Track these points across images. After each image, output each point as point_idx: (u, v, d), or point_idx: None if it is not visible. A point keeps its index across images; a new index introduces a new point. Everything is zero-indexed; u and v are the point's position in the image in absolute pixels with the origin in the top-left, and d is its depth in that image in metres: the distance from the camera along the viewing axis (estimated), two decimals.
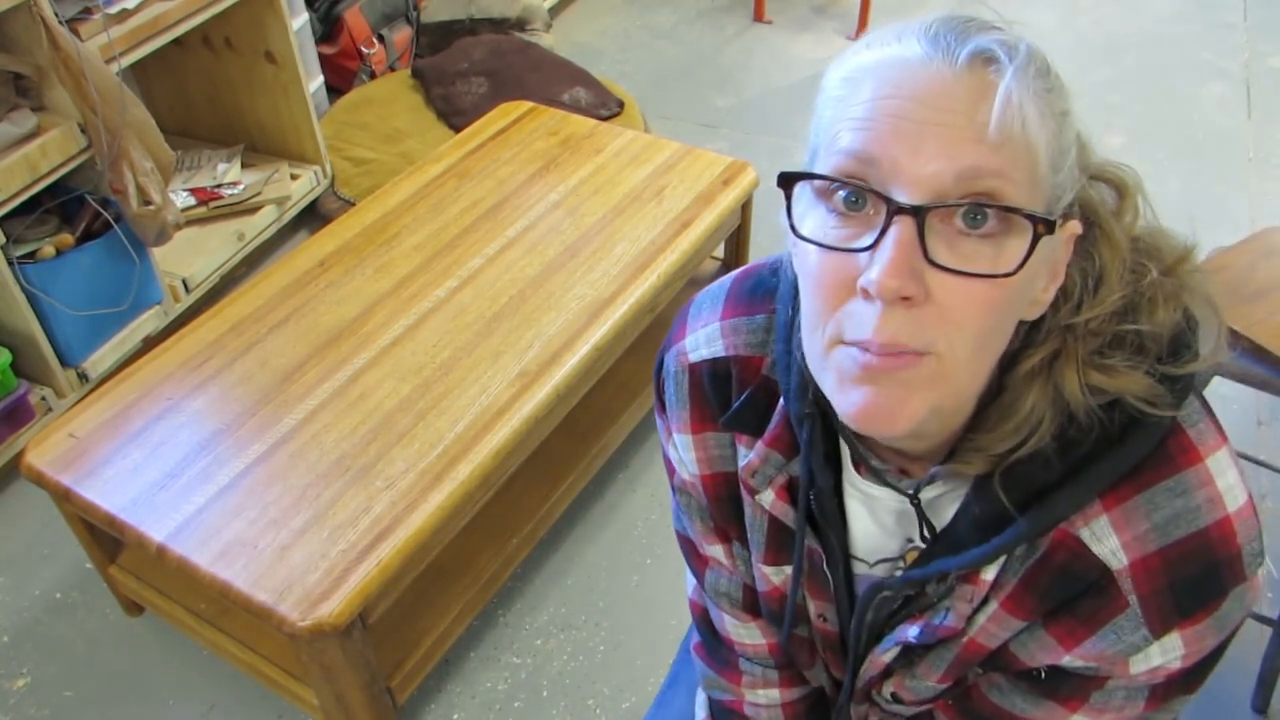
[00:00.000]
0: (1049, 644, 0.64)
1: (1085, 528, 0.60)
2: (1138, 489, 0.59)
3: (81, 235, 1.95)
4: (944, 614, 0.66)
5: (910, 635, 0.69)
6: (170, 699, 1.63)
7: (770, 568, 0.77)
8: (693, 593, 0.93)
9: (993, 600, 0.64)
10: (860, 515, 0.71)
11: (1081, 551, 0.60)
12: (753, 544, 0.76)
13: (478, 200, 1.95)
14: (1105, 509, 0.59)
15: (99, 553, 1.62)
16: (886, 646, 0.72)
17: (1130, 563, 0.59)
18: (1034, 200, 0.53)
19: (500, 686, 1.63)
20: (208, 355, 1.63)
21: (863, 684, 0.78)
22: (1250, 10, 3.42)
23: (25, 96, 1.86)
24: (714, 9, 3.64)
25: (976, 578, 0.64)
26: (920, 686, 0.73)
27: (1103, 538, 0.59)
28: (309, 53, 2.69)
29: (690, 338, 0.75)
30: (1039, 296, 0.58)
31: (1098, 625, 0.61)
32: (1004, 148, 0.52)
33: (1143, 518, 0.59)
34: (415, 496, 1.39)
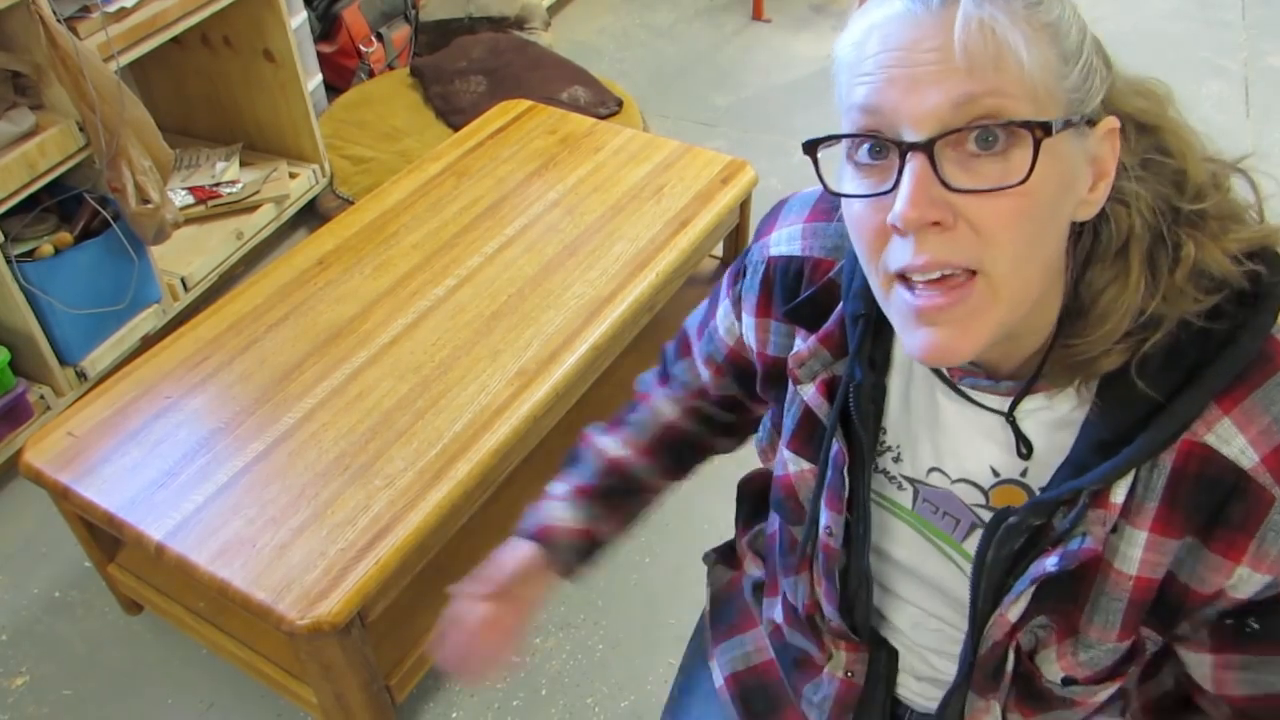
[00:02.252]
0: (1215, 563, 0.64)
1: (1210, 433, 0.62)
2: (1251, 388, 0.61)
3: (80, 234, 1.95)
4: (1081, 538, 0.65)
5: (1049, 566, 0.67)
6: (169, 697, 1.63)
7: (792, 454, 0.80)
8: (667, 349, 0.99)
9: (1140, 529, 0.65)
10: (949, 425, 0.72)
11: (1211, 456, 0.62)
12: (785, 427, 0.80)
13: (476, 199, 1.94)
14: (1224, 412, 0.61)
15: (98, 551, 1.62)
16: (1020, 588, 0.69)
17: (1262, 457, 0.61)
18: (1042, 109, 0.57)
19: (499, 685, 1.63)
20: (206, 354, 1.63)
21: (988, 650, 0.74)
22: (1249, 9, 3.42)
23: (23, 95, 1.85)
24: (713, 7, 3.64)
25: (1106, 500, 0.64)
26: (1099, 654, 0.71)
27: (1229, 439, 0.61)
28: (307, 51, 2.69)
29: (775, 233, 0.81)
30: (1086, 196, 0.61)
31: (1254, 528, 0.62)
32: (986, 68, 0.56)
33: (1262, 412, 0.61)
34: (414, 495, 1.39)
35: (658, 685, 1.62)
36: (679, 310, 2.00)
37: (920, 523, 0.77)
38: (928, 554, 0.78)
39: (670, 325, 1.10)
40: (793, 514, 0.83)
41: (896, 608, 0.85)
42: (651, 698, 1.60)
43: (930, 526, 0.77)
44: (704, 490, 1.92)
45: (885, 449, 0.77)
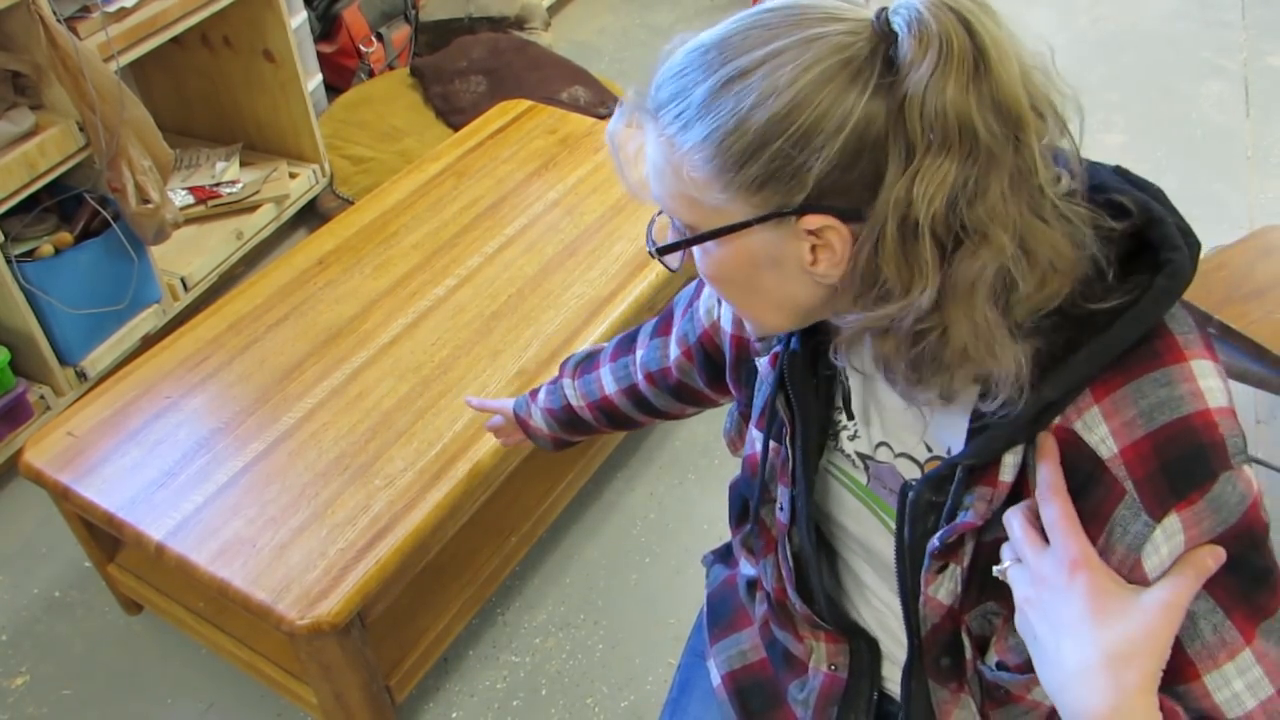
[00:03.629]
0: None
1: (1079, 420, 0.62)
2: (1127, 378, 0.61)
3: (80, 234, 1.95)
4: (965, 513, 0.67)
5: (935, 541, 0.69)
6: (169, 697, 1.63)
7: (759, 432, 0.83)
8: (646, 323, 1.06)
9: None
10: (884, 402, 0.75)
11: (1076, 443, 0.62)
12: (755, 406, 0.84)
13: (476, 199, 1.94)
14: (1095, 400, 0.62)
15: (97, 551, 1.62)
16: (926, 565, 0.71)
17: (1120, 449, 0.61)
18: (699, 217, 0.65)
19: (499, 685, 1.63)
20: (206, 354, 1.63)
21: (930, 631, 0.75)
22: (1249, 9, 3.42)
23: (23, 95, 1.85)
24: (713, 7, 3.64)
25: (994, 479, 0.65)
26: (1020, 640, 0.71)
27: (1093, 427, 0.62)
28: (307, 51, 2.69)
29: None
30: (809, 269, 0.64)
31: (1104, 519, 0.62)
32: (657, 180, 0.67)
33: (1130, 405, 0.61)
34: (414, 495, 1.39)
35: (658, 685, 1.62)
36: None
37: (872, 499, 0.79)
38: (875, 529, 0.80)
39: None
40: (758, 491, 0.86)
41: (862, 593, 0.86)
42: (651, 698, 1.60)
43: (881, 503, 0.79)
44: (704, 491, 1.92)
45: (843, 426, 0.79)
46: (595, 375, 1.09)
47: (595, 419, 1.11)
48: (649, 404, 1.06)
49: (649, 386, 1.04)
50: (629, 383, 1.06)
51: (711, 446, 1.99)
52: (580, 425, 1.13)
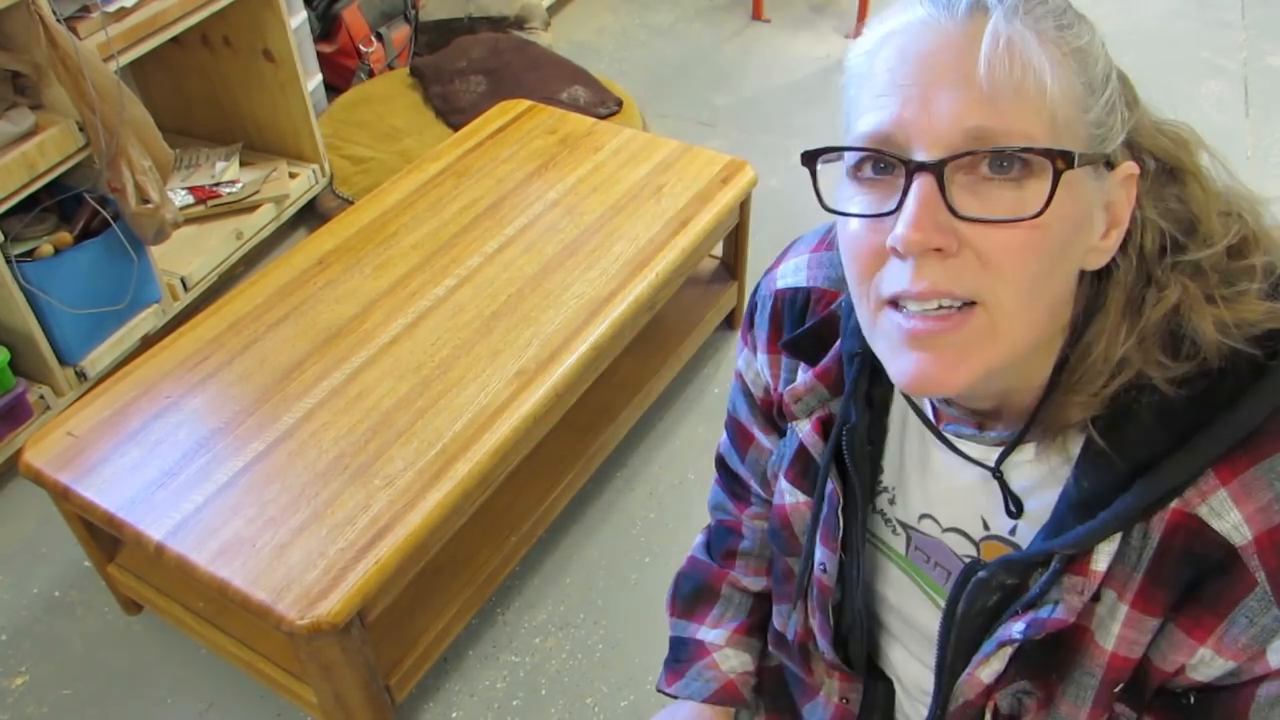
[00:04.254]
0: (1179, 640, 0.61)
1: (1203, 504, 0.57)
2: (1255, 459, 0.56)
3: (80, 233, 1.95)
4: (1052, 607, 0.62)
5: (1015, 631, 0.63)
6: (169, 697, 1.63)
7: (789, 484, 0.77)
8: (722, 448, 0.95)
9: (1121, 602, 0.61)
10: (940, 472, 0.69)
11: (1201, 530, 0.57)
12: (784, 456, 0.78)
13: (476, 199, 1.94)
14: (1222, 483, 0.56)
15: (97, 551, 1.62)
16: (988, 650, 0.66)
17: (1255, 536, 0.56)
18: (1062, 140, 0.53)
19: (499, 685, 1.63)
20: (206, 354, 1.63)
21: (959, 708, 0.71)
22: (1248, 9, 3.42)
23: (23, 95, 1.85)
24: (712, 7, 3.64)
25: (1086, 568, 0.60)
26: None
27: (1223, 513, 0.56)
28: (307, 51, 2.69)
29: (782, 266, 0.79)
30: (1097, 243, 0.57)
31: (1227, 610, 0.58)
32: (1006, 95, 0.52)
33: (1265, 488, 0.55)
34: (414, 495, 1.39)
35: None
36: (679, 310, 2.01)
37: (912, 569, 0.75)
38: (918, 601, 0.76)
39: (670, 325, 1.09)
40: (788, 545, 0.80)
41: (890, 644, 0.84)
42: (652, 697, 1.60)
43: (921, 574, 0.75)
44: (704, 491, 1.91)
45: (882, 489, 0.74)
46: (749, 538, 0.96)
47: None
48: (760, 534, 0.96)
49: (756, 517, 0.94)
50: None
51: (711, 446, 1.99)
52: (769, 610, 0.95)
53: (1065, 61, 0.53)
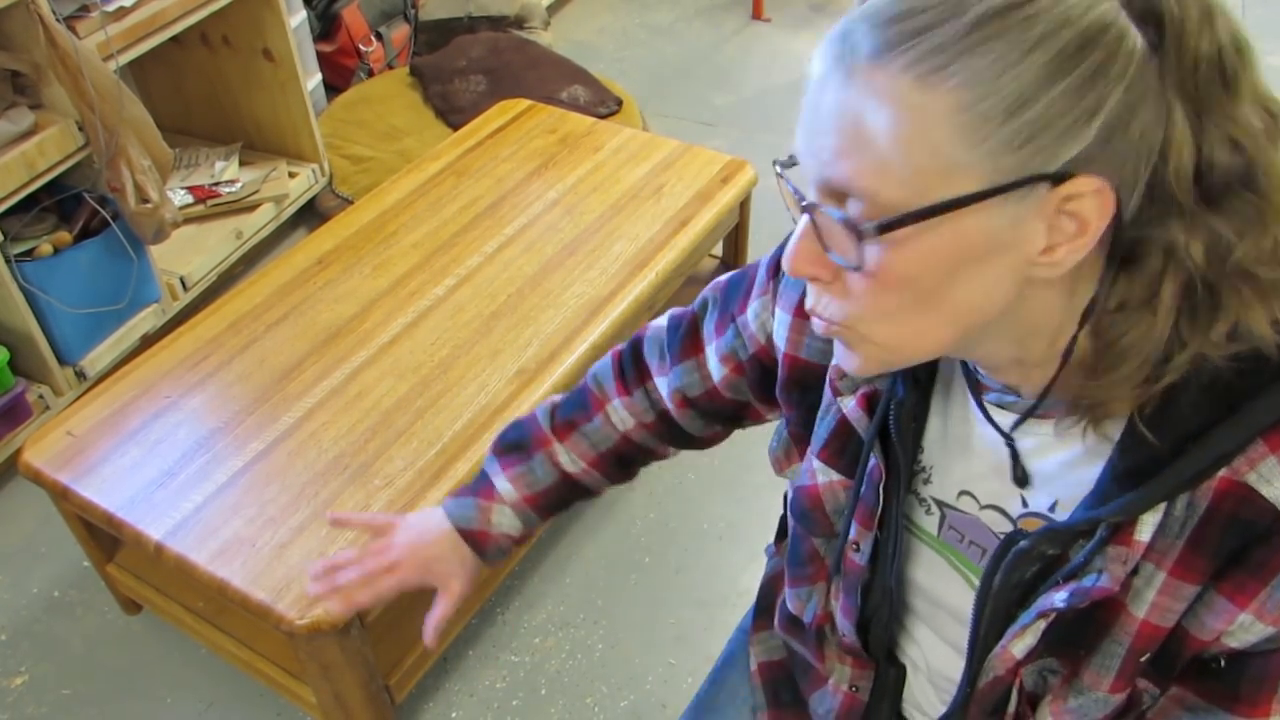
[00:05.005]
0: (1219, 606, 0.61)
1: (1252, 472, 0.57)
2: None
3: (79, 233, 1.95)
4: (1096, 575, 0.61)
5: (1057, 601, 0.63)
6: (168, 697, 1.63)
7: (822, 464, 0.77)
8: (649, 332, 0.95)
9: (1159, 570, 0.61)
10: (981, 450, 0.69)
11: (1249, 496, 0.57)
12: (816, 435, 0.77)
13: (476, 198, 1.94)
14: (1271, 450, 0.56)
15: (97, 551, 1.62)
16: (1026, 621, 0.66)
17: None
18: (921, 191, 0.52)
19: (498, 685, 1.63)
20: (206, 353, 1.63)
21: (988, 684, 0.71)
22: (1248, 9, 3.41)
23: (23, 94, 1.85)
24: (712, 7, 3.64)
25: (1129, 538, 0.60)
26: (1088, 703, 0.67)
27: (1273, 480, 0.56)
28: (307, 50, 2.68)
29: None
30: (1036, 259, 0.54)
31: (1271, 575, 0.58)
32: (847, 152, 0.53)
33: None
34: (414, 495, 1.39)
35: (657, 685, 1.62)
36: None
37: (945, 549, 0.75)
38: (949, 580, 0.76)
39: None
40: (817, 525, 0.80)
41: (916, 627, 0.83)
42: (651, 697, 1.60)
43: (955, 553, 0.74)
44: (704, 491, 1.92)
45: (919, 469, 0.74)
46: (602, 419, 0.95)
47: (604, 474, 0.97)
48: (679, 431, 0.96)
49: (684, 412, 0.93)
50: (655, 413, 0.95)
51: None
52: (571, 497, 0.98)
53: (935, 104, 0.51)
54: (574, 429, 0.95)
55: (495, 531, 0.93)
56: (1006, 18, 0.50)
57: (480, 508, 0.93)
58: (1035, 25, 0.49)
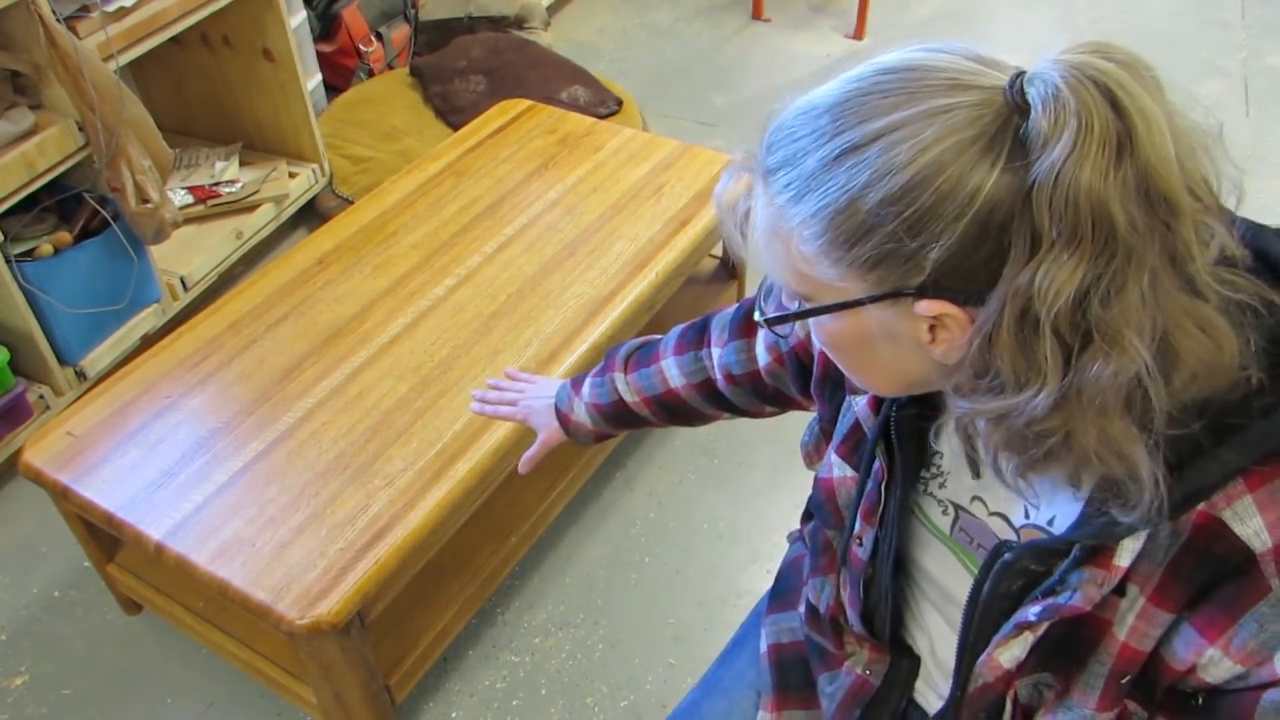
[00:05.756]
0: (1192, 638, 0.62)
1: (1228, 508, 0.58)
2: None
3: (79, 233, 1.95)
4: (1070, 594, 0.63)
5: (1030, 614, 0.65)
6: (168, 697, 1.63)
7: (839, 459, 0.81)
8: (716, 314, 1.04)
9: (1140, 595, 0.62)
10: None
11: (1223, 533, 0.58)
12: (837, 431, 0.82)
13: (476, 198, 1.94)
14: (1249, 489, 0.57)
15: (97, 551, 1.62)
16: (1005, 631, 0.68)
17: (1275, 544, 0.57)
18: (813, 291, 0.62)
19: (499, 685, 1.63)
20: (206, 353, 1.63)
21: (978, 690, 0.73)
22: (1248, 9, 3.42)
23: (23, 94, 1.85)
24: (712, 7, 3.63)
25: (1108, 561, 0.61)
26: (1076, 719, 0.69)
27: (1246, 518, 0.57)
28: (307, 51, 2.68)
29: None
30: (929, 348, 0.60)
31: (1239, 613, 0.59)
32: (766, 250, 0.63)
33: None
34: (414, 495, 1.39)
35: (657, 685, 1.62)
36: (679, 310, 2.00)
37: (955, 547, 0.77)
38: (960, 577, 0.78)
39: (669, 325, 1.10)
40: (830, 517, 0.84)
41: (926, 619, 0.85)
42: (651, 697, 1.60)
43: (965, 552, 0.77)
44: (704, 491, 1.92)
45: (937, 473, 0.76)
46: (656, 369, 1.05)
47: (654, 413, 1.07)
48: (725, 400, 1.02)
49: (730, 386, 1.00)
50: (703, 377, 1.02)
51: (711, 446, 1.99)
52: (631, 420, 1.09)
53: (800, 230, 0.59)
54: (636, 368, 1.07)
55: (574, 417, 1.11)
56: (842, 161, 0.56)
57: (570, 396, 1.12)
58: (864, 172, 0.55)
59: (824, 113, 0.58)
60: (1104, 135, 0.51)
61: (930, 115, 0.54)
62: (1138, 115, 0.52)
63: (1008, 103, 0.54)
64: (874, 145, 0.55)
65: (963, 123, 0.53)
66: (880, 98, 0.56)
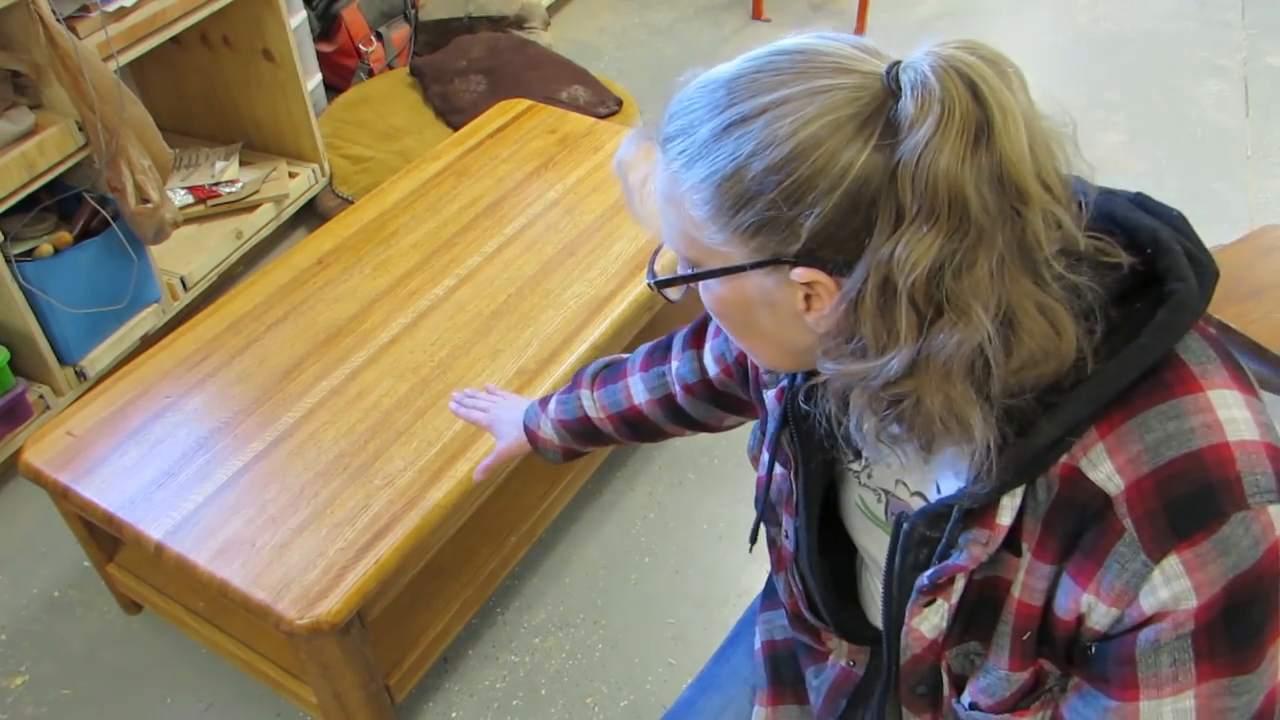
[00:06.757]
0: (1069, 588, 0.64)
1: (1084, 457, 0.61)
2: (1130, 414, 0.60)
3: (79, 233, 1.95)
4: (957, 553, 0.67)
5: (924, 579, 0.69)
6: (168, 697, 1.63)
7: (769, 455, 0.84)
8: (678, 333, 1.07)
9: (1028, 551, 0.65)
10: None
11: (1081, 481, 0.61)
12: (769, 430, 0.84)
13: (476, 198, 1.94)
14: (1100, 436, 0.60)
15: (97, 551, 1.62)
16: (913, 599, 0.71)
17: (1125, 486, 0.60)
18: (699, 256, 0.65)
19: (498, 685, 1.63)
20: (206, 353, 1.63)
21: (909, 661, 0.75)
22: (1248, 8, 3.42)
23: (23, 94, 1.85)
24: (712, 6, 3.63)
25: (991, 520, 0.64)
26: (995, 680, 0.71)
27: (1099, 464, 0.60)
28: (307, 50, 2.68)
29: None
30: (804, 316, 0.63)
31: (1101, 556, 0.61)
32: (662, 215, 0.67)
33: (1135, 440, 0.60)
34: (413, 495, 1.39)
35: (657, 685, 1.62)
36: (678, 310, 2.00)
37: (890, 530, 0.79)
38: None
39: (669, 325, 1.11)
40: (768, 514, 0.87)
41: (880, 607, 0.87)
42: (651, 697, 1.60)
43: None
44: (704, 491, 1.92)
45: (866, 464, 0.79)
46: (621, 385, 1.08)
47: (617, 430, 1.10)
48: (685, 415, 1.05)
49: (687, 398, 1.03)
50: (664, 393, 1.05)
51: (711, 447, 1.99)
52: (596, 437, 1.12)
53: (689, 195, 0.62)
54: (603, 385, 1.10)
55: (541, 434, 1.15)
56: (731, 131, 0.59)
57: (538, 413, 1.16)
58: (749, 142, 0.59)
59: (719, 86, 0.62)
60: (964, 122, 0.55)
61: (814, 93, 0.58)
62: (996, 107, 0.55)
63: (884, 87, 0.58)
64: (760, 118, 0.59)
65: (841, 102, 0.57)
66: (772, 75, 0.60)
